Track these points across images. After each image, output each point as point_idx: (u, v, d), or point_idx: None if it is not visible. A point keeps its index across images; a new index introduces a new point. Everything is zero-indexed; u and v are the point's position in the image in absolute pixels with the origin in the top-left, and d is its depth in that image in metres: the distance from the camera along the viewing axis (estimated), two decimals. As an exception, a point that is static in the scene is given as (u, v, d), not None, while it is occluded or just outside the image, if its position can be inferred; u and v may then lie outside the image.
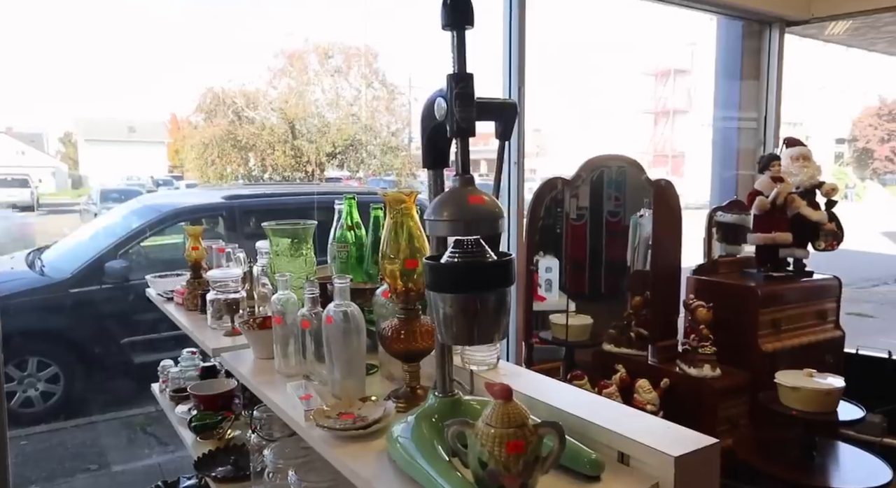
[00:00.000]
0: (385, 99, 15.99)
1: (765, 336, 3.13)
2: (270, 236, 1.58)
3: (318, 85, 15.89)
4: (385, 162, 16.09)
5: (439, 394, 0.94)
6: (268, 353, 1.38)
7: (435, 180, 0.91)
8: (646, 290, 3.06)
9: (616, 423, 0.88)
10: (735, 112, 4.14)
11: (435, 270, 0.84)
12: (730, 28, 4.07)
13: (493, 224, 0.81)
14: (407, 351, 1.08)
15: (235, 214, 5.12)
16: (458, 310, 0.82)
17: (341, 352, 1.12)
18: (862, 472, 2.93)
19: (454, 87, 0.82)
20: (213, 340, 1.59)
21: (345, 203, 1.58)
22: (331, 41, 15.99)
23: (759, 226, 3.35)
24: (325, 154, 14.81)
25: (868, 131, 24.36)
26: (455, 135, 0.84)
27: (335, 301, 1.13)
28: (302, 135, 15.08)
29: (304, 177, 14.65)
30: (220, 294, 1.67)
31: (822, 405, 2.79)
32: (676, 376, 2.88)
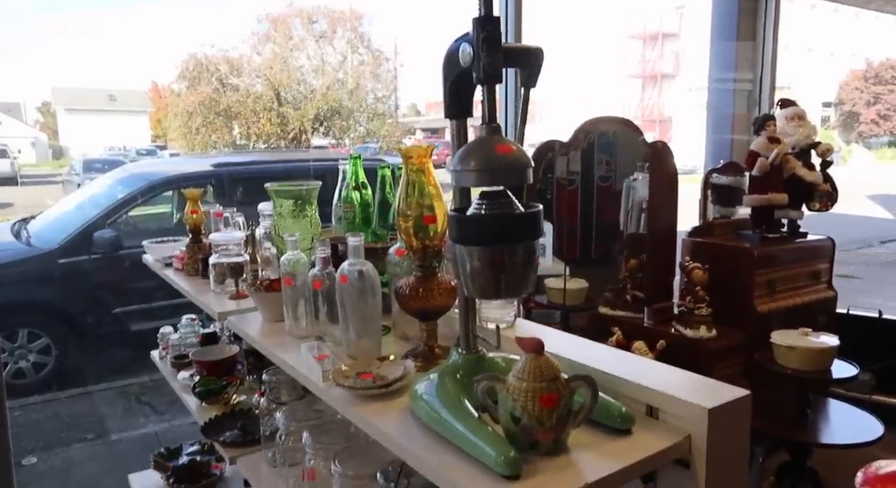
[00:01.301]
0: (371, 64, 15.74)
1: (759, 297, 3.15)
2: (274, 197, 1.54)
3: (302, 51, 15.61)
4: (371, 128, 15.93)
5: (463, 351, 0.92)
6: (277, 316, 1.36)
7: (458, 131, 0.88)
8: (641, 253, 3.06)
9: (644, 377, 0.87)
10: (730, 74, 4.10)
11: (461, 222, 0.81)
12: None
13: (521, 174, 0.79)
14: (424, 308, 1.06)
15: (225, 182, 5.05)
16: (485, 263, 0.80)
17: (357, 311, 1.10)
18: (855, 428, 2.99)
19: (480, 31, 0.78)
20: (217, 304, 1.56)
21: (350, 163, 1.55)
22: (315, 4, 15.67)
23: (756, 188, 3.34)
24: (310, 120, 14.62)
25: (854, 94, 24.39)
26: (482, 82, 0.80)
27: (349, 259, 1.10)
28: (287, 103, 14.86)
29: (290, 144, 14.49)
30: (222, 257, 1.64)
31: (816, 363, 2.83)
32: (672, 338, 2.90)
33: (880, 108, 24.57)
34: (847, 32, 22.39)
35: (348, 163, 1.58)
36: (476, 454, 0.75)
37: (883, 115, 24.61)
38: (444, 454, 0.79)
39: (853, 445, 2.64)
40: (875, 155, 22.42)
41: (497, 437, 0.75)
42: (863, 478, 1.29)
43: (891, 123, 25.00)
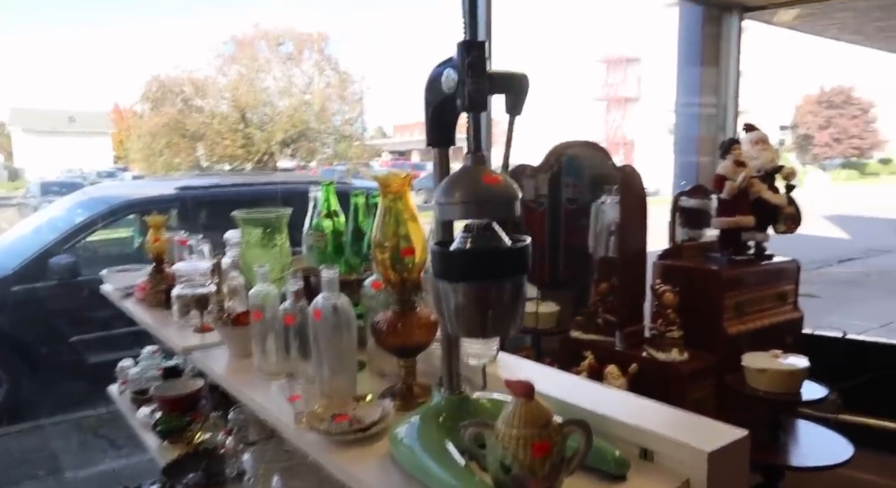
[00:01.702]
0: (338, 86, 15.73)
1: (729, 319, 3.16)
2: (242, 226, 1.48)
3: (269, 72, 15.53)
4: (338, 150, 15.87)
5: (446, 392, 0.87)
6: (245, 351, 1.29)
7: (441, 159, 0.84)
8: (612, 276, 3.05)
9: (638, 417, 0.83)
10: (695, 98, 4.17)
11: (445, 257, 0.77)
12: (690, 14, 4.08)
13: (508, 206, 0.75)
14: (403, 345, 1.01)
15: (189, 206, 4.92)
16: (471, 299, 0.75)
17: (331, 348, 1.04)
18: (826, 449, 3.01)
19: (466, 56, 0.74)
20: (181, 339, 1.48)
21: (322, 190, 1.49)
22: (282, 27, 15.64)
23: (724, 211, 3.38)
24: (277, 142, 14.51)
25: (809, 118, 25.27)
26: (467, 109, 0.77)
27: (323, 293, 1.04)
28: (253, 124, 14.72)
29: (255, 166, 14.33)
30: (187, 288, 1.56)
31: (787, 385, 2.84)
32: (644, 361, 2.89)
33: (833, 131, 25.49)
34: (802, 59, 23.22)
35: (319, 191, 1.53)
36: (465, 509, 0.70)
37: (835, 138, 25.52)
38: (429, 507, 0.73)
39: (825, 467, 2.65)
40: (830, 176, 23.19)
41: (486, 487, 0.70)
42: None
43: (843, 146, 25.92)
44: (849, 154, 26.03)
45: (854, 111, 25.65)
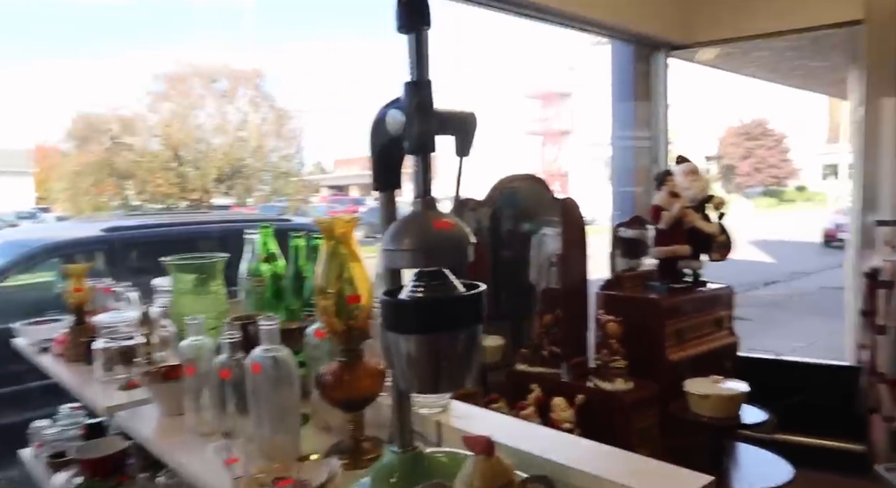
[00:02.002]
0: (274, 123, 15.57)
1: (670, 346, 3.21)
2: (173, 272, 1.39)
3: (202, 109, 15.24)
4: (276, 188, 15.63)
5: (397, 449, 0.81)
6: (176, 409, 1.19)
7: (387, 203, 0.80)
8: (556, 308, 3.06)
9: (600, 467, 0.79)
10: (630, 131, 4.29)
11: (396, 308, 0.72)
12: (622, 52, 4.23)
13: (461, 253, 0.71)
14: (350, 398, 0.95)
15: (117, 249, 4.67)
16: (423, 352, 0.71)
17: (271, 404, 0.97)
18: (767, 471, 3.07)
19: (413, 97, 0.71)
20: (104, 397, 1.36)
21: (260, 233, 1.42)
22: (215, 64, 15.42)
23: (660, 240, 3.46)
24: (211, 180, 14.16)
25: (731, 149, 26.65)
26: (414, 152, 0.73)
27: (262, 345, 0.97)
28: (187, 162, 14.35)
29: (190, 205, 13.92)
30: (111, 342, 1.45)
31: (728, 410, 2.89)
32: (590, 392, 2.89)
33: (753, 161, 26.96)
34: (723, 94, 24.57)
35: (257, 233, 1.46)
36: None
37: (756, 167, 26.99)
38: None
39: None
40: (753, 204, 24.42)
41: (448, 560, 0.65)
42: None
43: (762, 175, 27.42)
44: (768, 182, 27.56)
45: (771, 142, 27.24)
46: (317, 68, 27.90)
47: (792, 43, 4.40)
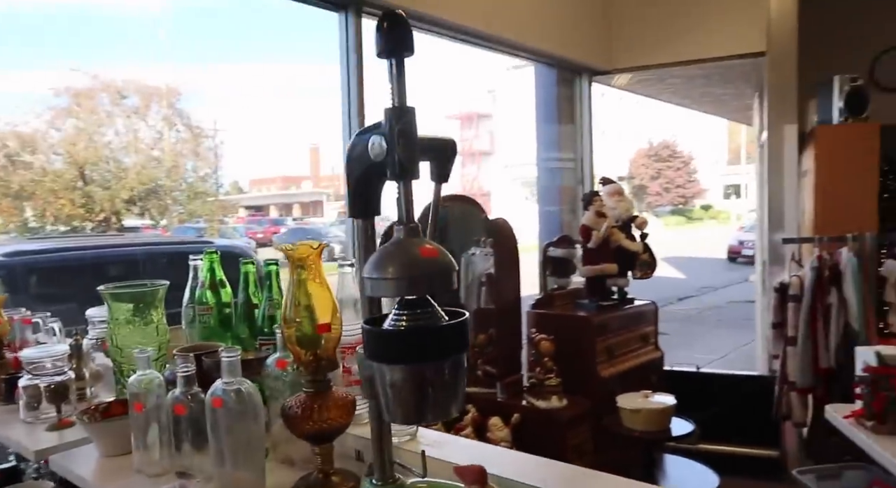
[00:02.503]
0: (191, 142, 15.00)
1: (601, 362, 3.31)
2: (110, 301, 1.30)
3: (111, 127, 14.50)
4: (192, 208, 15.02)
5: (378, 482, 0.79)
6: (119, 448, 1.12)
7: (365, 231, 0.78)
8: (489, 328, 3.09)
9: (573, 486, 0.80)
10: (555, 153, 4.42)
11: (380, 338, 0.71)
12: (546, 76, 4.37)
13: (447, 280, 0.71)
14: (321, 430, 0.91)
15: (18, 275, 4.35)
16: (410, 382, 0.70)
17: (235, 439, 0.92)
18: (696, 481, 3.20)
19: (395, 123, 0.70)
20: (31, 440, 1.25)
21: (205, 259, 1.36)
22: (125, 79, 14.74)
23: (589, 259, 3.57)
24: (122, 201, 13.45)
25: (641, 170, 27.96)
26: (398, 178, 0.72)
27: (223, 378, 0.93)
28: (94, 182, 13.58)
29: (98, 227, 13.17)
30: (38, 378, 1.34)
31: (659, 423, 3.00)
32: (526, 410, 2.93)
33: (662, 181, 28.39)
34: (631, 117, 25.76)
35: (201, 259, 1.40)
36: None
37: (665, 187, 28.42)
38: None
39: (700, 498, 2.82)
40: (663, 222, 25.64)
41: None
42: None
43: (671, 195, 28.90)
44: (676, 202, 29.07)
45: (678, 163, 28.77)
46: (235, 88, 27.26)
47: (702, 71, 4.69)
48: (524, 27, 3.67)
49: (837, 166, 3.38)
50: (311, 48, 32.46)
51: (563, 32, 3.98)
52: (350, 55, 2.89)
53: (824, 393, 3.07)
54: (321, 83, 37.19)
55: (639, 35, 4.26)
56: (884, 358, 2.02)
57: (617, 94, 5.94)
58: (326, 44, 2.99)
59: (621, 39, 4.29)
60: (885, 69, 4.63)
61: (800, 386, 3.17)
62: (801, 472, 2.62)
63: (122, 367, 1.31)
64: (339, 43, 2.92)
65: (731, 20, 4.04)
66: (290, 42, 34.31)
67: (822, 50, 4.22)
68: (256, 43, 30.39)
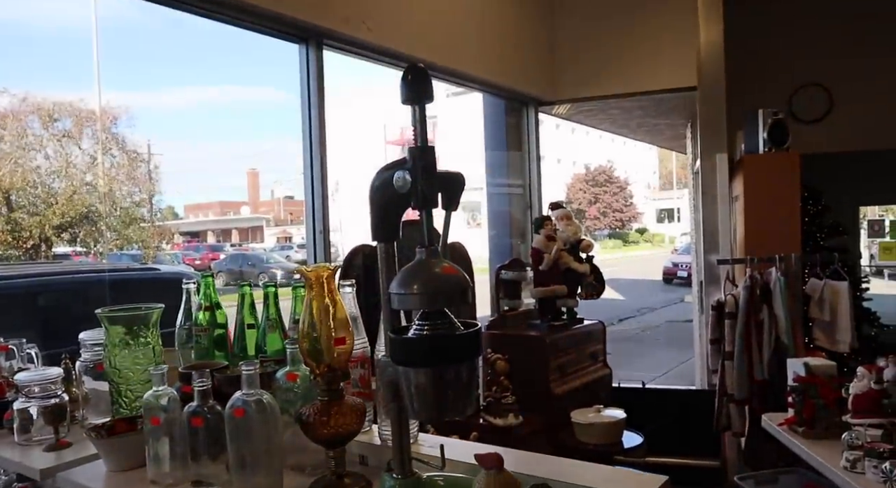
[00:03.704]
0: (126, 166, 14.61)
1: (554, 380, 3.45)
2: (106, 325, 1.35)
3: (40, 151, 13.99)
4: (127, 235, 14.57)
5: (398, 476, 0.89)
6: (128, 463, 1.17)
7: (387, 253, 0.89)
8: (448, 348, 3.19)
9: (576, 476, 0.92)
10: (505, 179, 4.61)
11: (407, 344, 0.81)
12: (494, 105, 4.56)
13: (464, 294, 0.82)
14: (337, 435, 1.00)
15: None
16: (432, 383, 0.80)
17: (256, 447, 1.00)
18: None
19: (420, 160, 0.82)
20: (31, 460, 1.28)
21: (202, 282, 1.43)
22: (56, 101, 14.28)
23: (540, 281, 3.74)
24: (52, 228, 12.95)
25: (579, 195, 28.82)
26: (421, 207, 0.84)
27: (244, 389, 1.01)
28: (21, 207, 13.03)
29: (26, 254, 12.61)
30: (35, 400, 1.37)
31: (611, 436, 3.16)
32: (483, 428, 3.02)
33: (599, 205, 29.36)
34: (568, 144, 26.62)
35: (194, 283, 1.46)
36: None
37: (602, 211, 29.40)
38: None
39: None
40: (601, 245, 26.46)
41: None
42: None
43: (608, 219, 29.92)
44: (613, 225, 30.11)
45: (614, 189, 29.88)
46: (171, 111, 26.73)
47: (639, 103, 4.99)
48: (473, 60, 3.84)
49: (763, 192, 3.62)
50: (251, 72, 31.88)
51: (511, 65, 4.19)
52: (311, 84, 2.98)
53: (760, 404, 3.26)
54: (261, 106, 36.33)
55: (581, 69, 4.52)
56: (812, 368, 2.21)
57: (554, 122, 6.22)
58: (269, 67, 3.06)
59: (565, 72, 4.54)
60: (802, 103, 5.06)
61: (737, 398, 3.34)
62: (742, 478, 2.80)
63: (120, 388, 1.36)
64: (300, 73, 3.01)
65: (666, 57, 4.34)
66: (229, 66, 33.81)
67: (747, 84, 4.59)
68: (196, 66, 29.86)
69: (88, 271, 5.55)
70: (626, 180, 30.27)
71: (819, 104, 5.07)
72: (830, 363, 2.26)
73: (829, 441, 1.96)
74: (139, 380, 1.37)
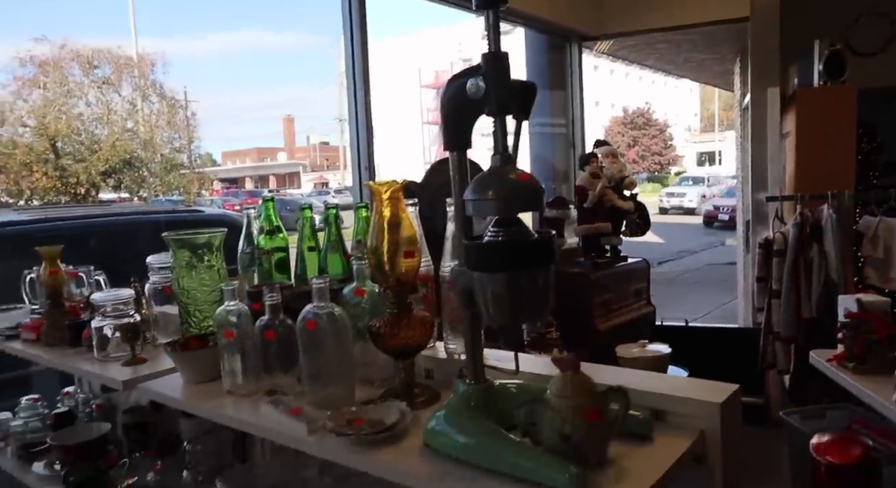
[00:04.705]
0: (166, 113, 14.77)
1: (598, 317, 3.47)
2: (174, 248, 1.40)
3: (81, 98, 14.19)
4: (168, 181, 14.85)
5: (471, 382, 0.91)
6: (202, 376, 1.22)
7: (460, 162, 0.89)
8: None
9: (643, 384, 0.93)
10: (548, 118, 4.52)
11: (483, 250, 0.82)
12: (536, 43, 4.44)
13: (538, 200, 0.82)
14: (406, 346, 1.03)
15: (7, 245, 4.37)
16: (508, 289, 0.81)
17: (330, 357, 1.03)
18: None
19: (493, 66, 0.81)
20: (114, 372, 1.36)
21: (263, 206, 1.46)
22: (95, 48, 14.39)
23: (584, 219, 3.72)
24: (98, 174, 13.26)
25: (618, 138, 28.21)
26: (495, 114, 0.83)
27: (315, 303, 1.04)
28: (67, 154, 13.34)
29: (74, 200, 12.98)
30: (108, 319, 1.43)
31: (655, 371, 3.17)
32: (527, 364, 3.07)
33: (638, 149, 28.72)
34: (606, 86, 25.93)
35: (255, 208, 1.50)
36: (537, 478, 0.75)
37: (641, 155, 28.77)
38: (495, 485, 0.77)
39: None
40: (640, 189, 25.99)
41: (554, 458, 0.76)
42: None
43: (647, 162, 29.29)
44: (652, 169, 29.48)
45: (653, 131, 29.13)
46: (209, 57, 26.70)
47: (687, 36, 4.80)
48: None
49: (817, 128, 3.51)
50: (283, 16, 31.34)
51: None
52: (354, 29, 2.95)
53: (806, 342, 3.24)
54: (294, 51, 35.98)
55: (627, 1, 4.34)
56: (864, 304, 2.18)
57: (592, 63, 6.05)
58: (301, 10, 3.03)
59: (610, 5, 4.37)
60: (861, 35, 4.80)
61: (784, 336, 3.33)
62: (787, 413, 2.80)
63: (189, 308, 1.41)
64: (343, 16, 2.97)
65: (717, -15, 4.15)
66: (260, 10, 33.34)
67: (803, 15, 4.35)
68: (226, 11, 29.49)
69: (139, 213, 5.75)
70: (665, 123, 29.46)
71: (879, 35, 4.80)
72: (884, 299, 2.22)
73: (881, 376, 1.94)
74: (206, 301, 1.42)
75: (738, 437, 0.88)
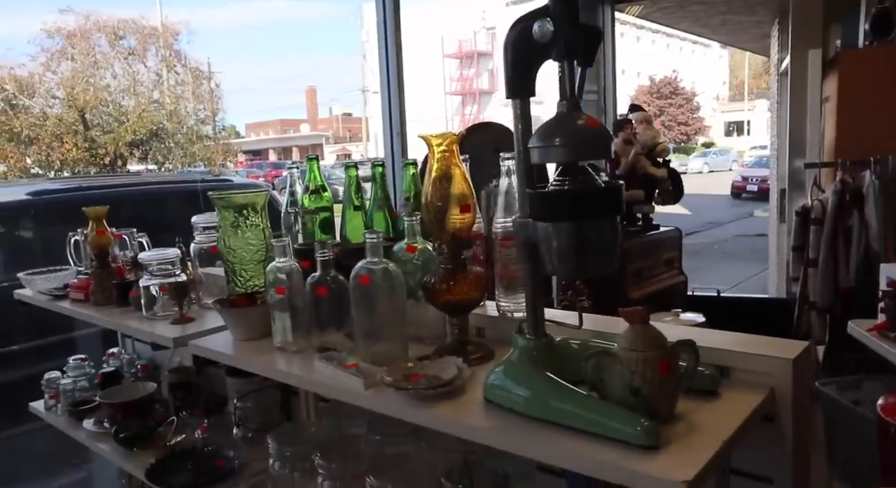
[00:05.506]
0: (190, 84, 14.80)
1: (631, 285, 3.44)
2: (219, 207, 1.39)
3: (108, 69, 14.28)
4: (193, 152, 14.96)
5: (531, 336, 0.89)
6: (251, 333, 1.23)
7: (523, 109, 0.86)
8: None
9: (712, 341, 0.91)
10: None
11: (548, 198, 0.80)
12: (568, 4, 4.32)
13: (607, 147, 0.80)
14: (461, 301, 1.02)
15: (45, 212, 4.45)
16: (574, 238, 0.79)
17: (383, 313, 1.03)
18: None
19: (562, 7, 0.78)
20: (163, 330, 1.37)
21: (307, 164, 1.44)
22: (120, 19, 14.41)
23: (617, 186, 3.65)
24: (125, 145, 13.39)
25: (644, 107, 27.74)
26: (564, 58, 0.80)
27: (368, 258, 1.03)
28: (95, 125, 13.47)
29: (103, 170, 13.15)
30: (156, 278, 1.44)
31: (689, 340, 3.14)
32: (559, 330, 3.05)
33: (664, 119, 28.20)
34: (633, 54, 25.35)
35: (295, 168, 1.48)
36: (606, 431, 0.73)
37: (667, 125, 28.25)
38: (561, 438, 0.76)
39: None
40: (669, 158, 25.61)
41: (625, 411, 0.74)
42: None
43: (674, 132, 28.75)
44: (679, 139, 28.95)
45: (680, 101, 28.54)
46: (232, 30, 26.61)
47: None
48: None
49: (861, 90, 3.38)
50: (305, -15, 30.89)
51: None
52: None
53: (843, 312, 3.17)
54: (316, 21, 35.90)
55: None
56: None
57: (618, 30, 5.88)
58: None
59: (646, -36, 4.24)
60: (910, -7, 4.59)
61: (819, 306, 3.26)
62: (823, 383, 2.77)
63: (235, 267, 1.41)
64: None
65: (759, -57, 3.99)
66: (284, -21, 32.94)
67: (848, -28, 4.18)
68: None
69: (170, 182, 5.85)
70: (692, 91, 28.82)
71: (929, -7, 4.60)
72: (928, 268, 2.16)
73: (924, 347, 1.90)
74: (252, 260, 1.41)
75: (808, 396, 0.86)
